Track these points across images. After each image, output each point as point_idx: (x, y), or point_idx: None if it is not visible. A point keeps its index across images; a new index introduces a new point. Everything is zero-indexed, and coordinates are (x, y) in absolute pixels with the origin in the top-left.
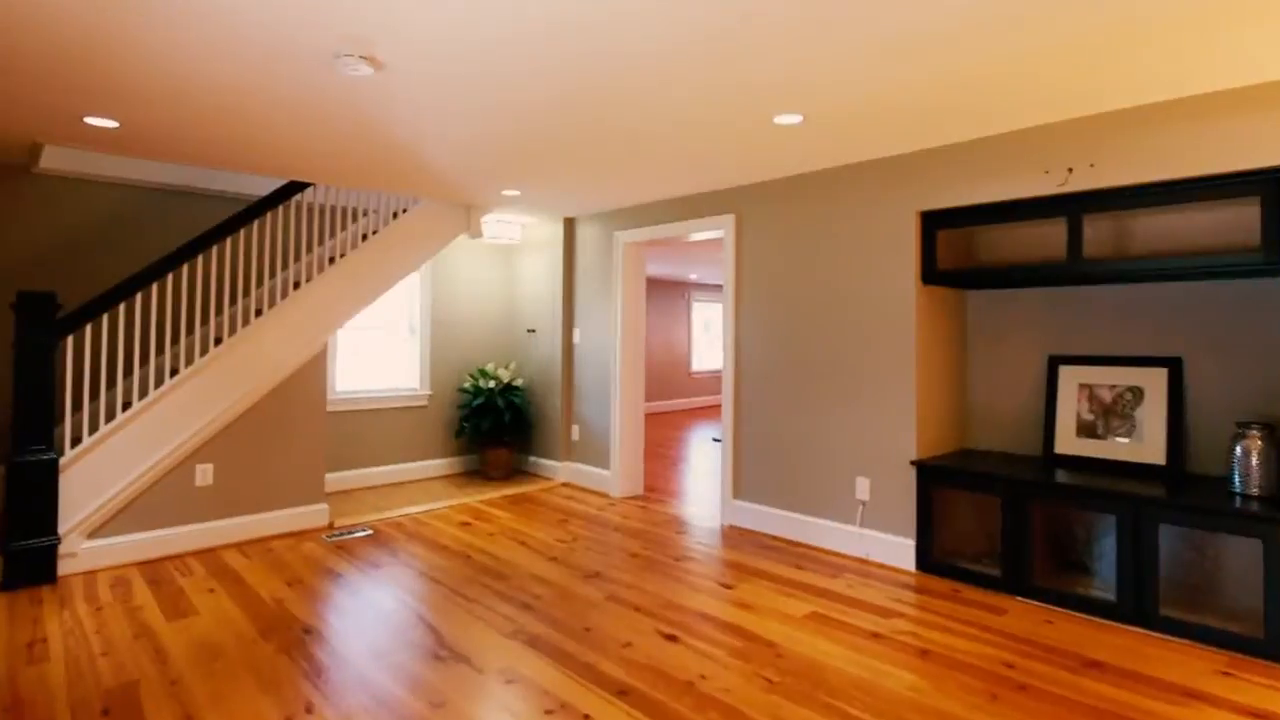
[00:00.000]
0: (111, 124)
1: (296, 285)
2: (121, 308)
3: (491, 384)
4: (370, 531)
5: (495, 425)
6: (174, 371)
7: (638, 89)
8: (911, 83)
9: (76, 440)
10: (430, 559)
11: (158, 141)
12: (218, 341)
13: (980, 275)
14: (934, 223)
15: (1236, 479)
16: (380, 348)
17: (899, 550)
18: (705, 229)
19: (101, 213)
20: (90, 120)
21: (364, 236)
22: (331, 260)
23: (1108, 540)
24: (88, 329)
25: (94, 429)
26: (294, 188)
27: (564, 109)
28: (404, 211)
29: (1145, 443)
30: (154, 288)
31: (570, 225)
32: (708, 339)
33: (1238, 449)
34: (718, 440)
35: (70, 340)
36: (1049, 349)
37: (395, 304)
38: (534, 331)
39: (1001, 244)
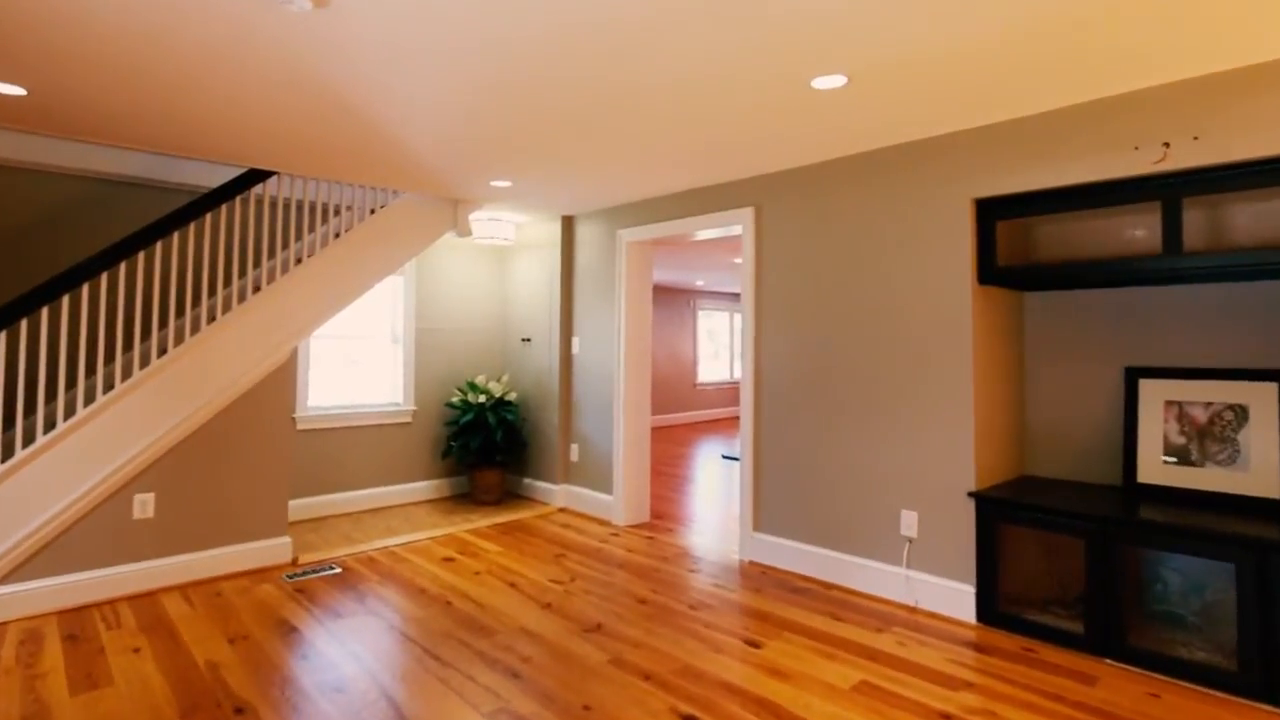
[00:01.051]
0: (17, 91)
1: (258, 289)
2: (45, 313)
3: (482, 398)
4: (338, 570)
5: (486, 444)
6: (109, 387)
7: (652, 26)
8: (987, 26)
9: None
10: (404, 606)
11: (77, 114)
12: (163, 353)
13: (1050, 273)
14: (992, 212)
15: None
16: (359, 359)
17: (955, 597)
18: (720, 225)
19: (33, 207)
20: None
21: (336, 235)
22: (299, 260)
23: (1215, 591)
24: (1, 338)
25: (8, 455)
26: (253, 178)
27: (557, 56)
28: (383, 208)
29: (1252, 472)
30: (84, 290)
31: (569, 224)
32: (713, 349)
33: None
34: (728, 458)
35: None
36: (1126, 360)
37: (376, 310)
38: (529, 341)
39: (1072, 236)
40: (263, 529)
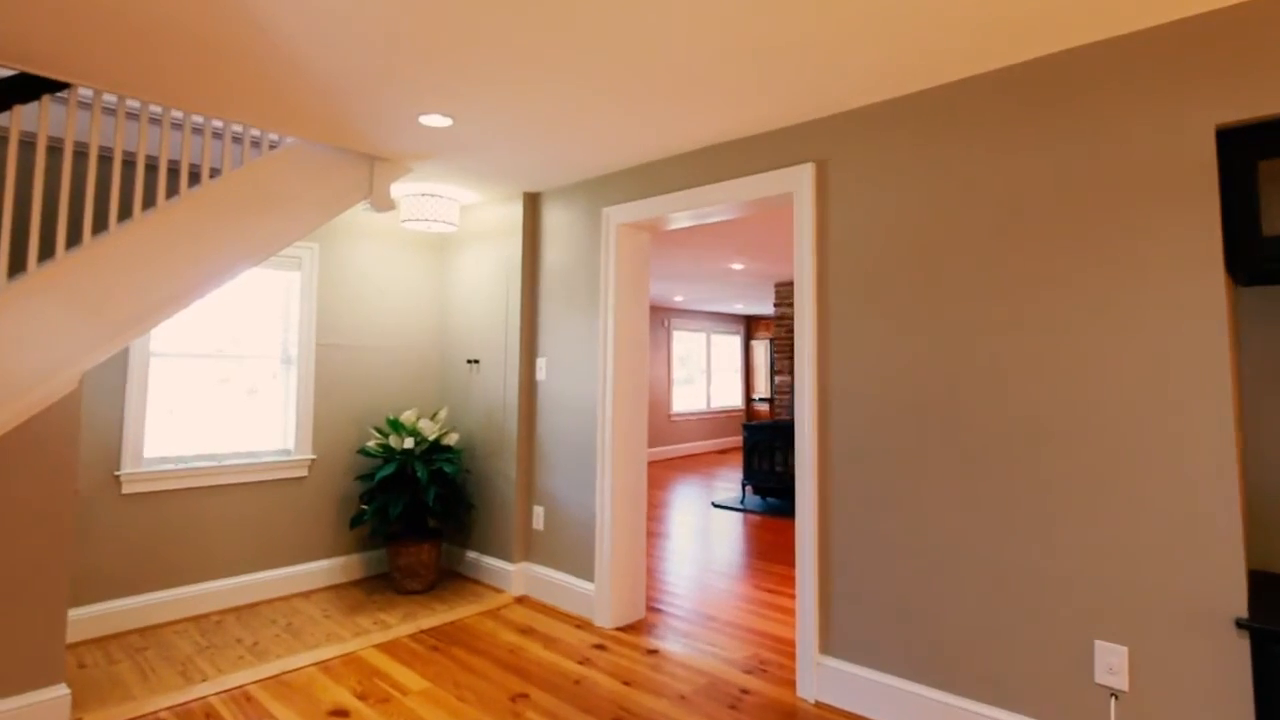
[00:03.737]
0: None
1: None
2: None
3: (409, 443)
4: None
5: (413, 507)
6: None
7: None
8: None
9: None
10: None
11: None
12: None
13: None
14: (1253, 146)
15: None
16: (230, 388)
17: None
18: (757, 193)
19: None
20: None
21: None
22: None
23: None
24: None
25: None
26: (20, 89)
27: None
28: (255, 160)
29: None
30: None
31: (533, 204)
32: (686, 374)
33: None
34: (721, 506)
35: None
36: None
37: (256, 318)
38: (477, 363)
39: None
40: (11, 676)
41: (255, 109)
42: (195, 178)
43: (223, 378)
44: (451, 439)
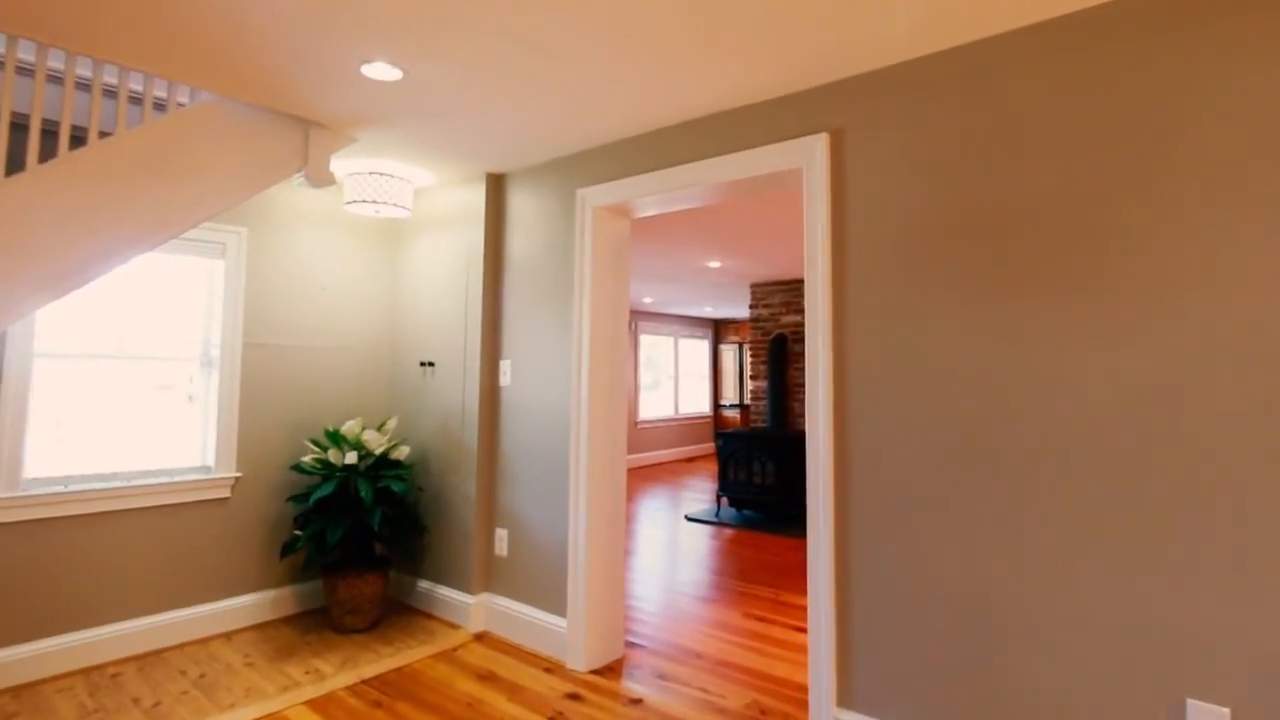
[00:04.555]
0: None
1: None
2: None
3: (352, 457)
4: None
5: (356, 531)
6: None
7: None
8: None
9: None
10: None
11: None
12: None
13: None
14: None
15: None
16: (136, 396)
17: None
18: (759, 168)
19: None
20: None
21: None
22: None
23: None
24: None
25: None
26: None
27: None
28: (164, 117)
29: None
30: None
31: (497, 187)
32: (653, 378)
33: None
34: (694, 520)
35: None
36: None
37: (172, 313)
38: (431, 366)
39: None
40: None
41: (151, 50)
42: (80, 143)
43: (129, 383)
44: (401, 453)
